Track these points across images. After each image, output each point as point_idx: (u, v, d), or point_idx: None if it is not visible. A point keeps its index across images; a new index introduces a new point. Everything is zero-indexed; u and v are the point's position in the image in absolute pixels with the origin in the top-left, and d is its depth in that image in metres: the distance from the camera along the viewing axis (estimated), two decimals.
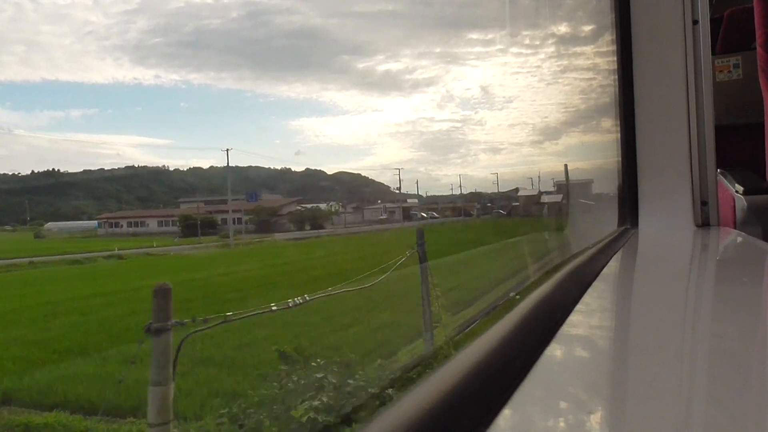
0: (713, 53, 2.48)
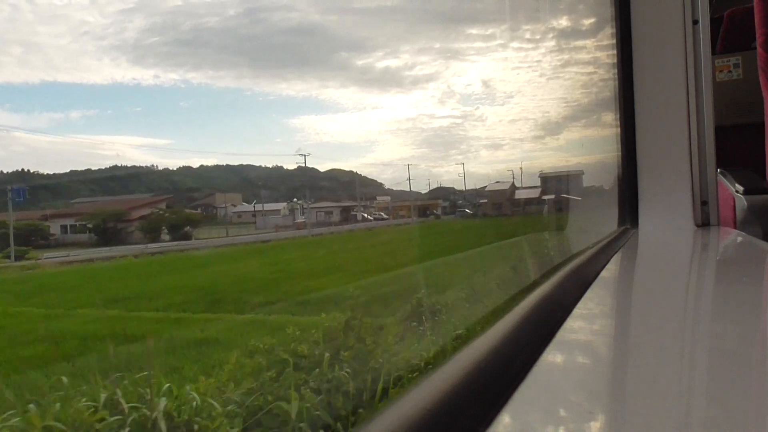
0: (713, 53, 2.48)
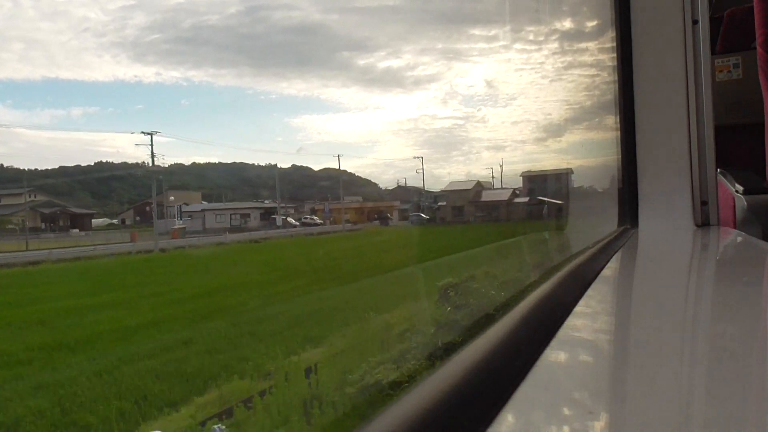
0: (713, 53, 2.48)
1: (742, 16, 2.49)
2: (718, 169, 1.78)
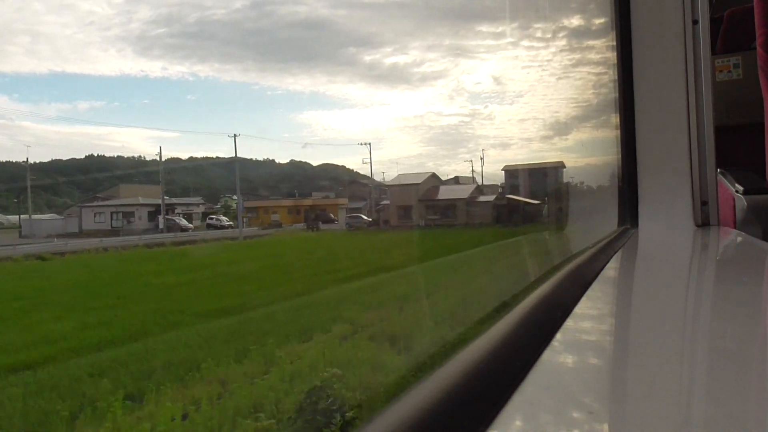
0: (713, 53, 2.48)
1: (742, 16, 2.49)
2: (718, 169, 1.78)
